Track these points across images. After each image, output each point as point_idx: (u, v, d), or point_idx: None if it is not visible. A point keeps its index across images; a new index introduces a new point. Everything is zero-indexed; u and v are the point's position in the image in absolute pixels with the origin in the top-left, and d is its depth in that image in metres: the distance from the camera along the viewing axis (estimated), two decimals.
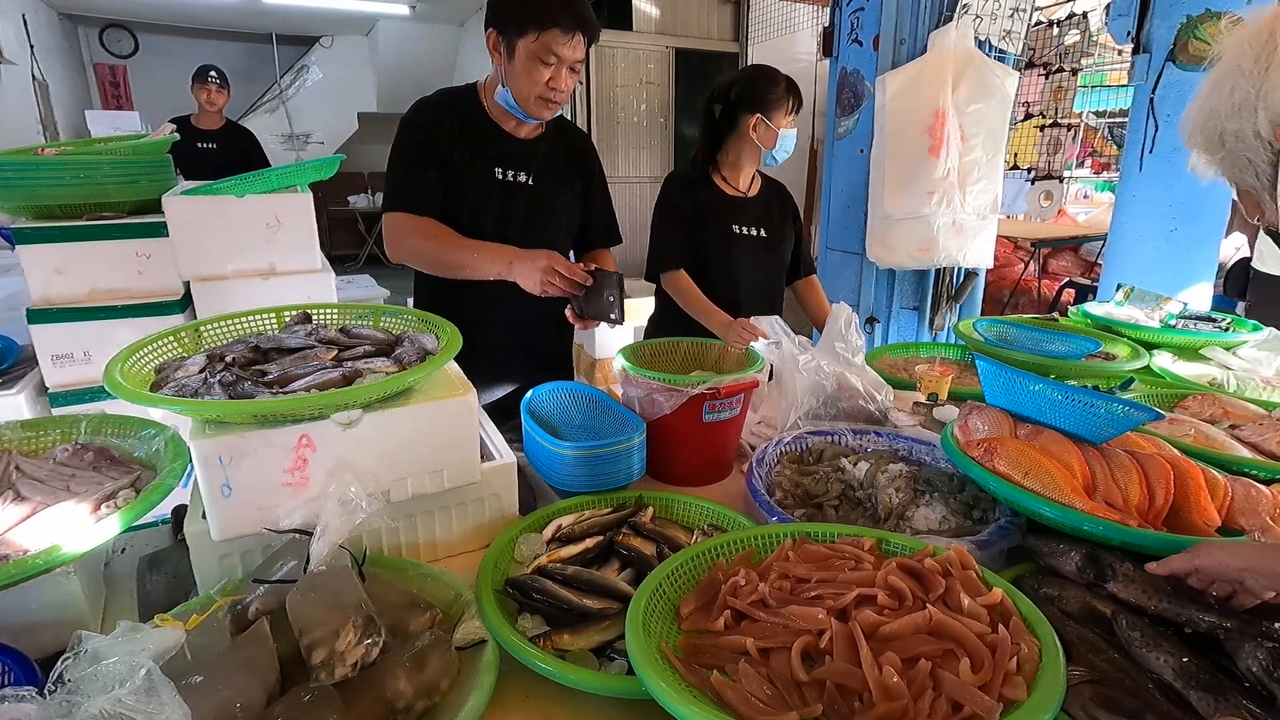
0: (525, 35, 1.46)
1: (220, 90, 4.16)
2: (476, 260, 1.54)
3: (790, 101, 1.93)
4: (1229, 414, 1.50)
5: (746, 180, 2.07)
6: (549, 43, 1.46)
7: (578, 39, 1.48)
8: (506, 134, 1.65)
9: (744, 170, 2.05)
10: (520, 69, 1.50)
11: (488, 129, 1.64)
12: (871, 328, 3.39)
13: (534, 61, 1.48)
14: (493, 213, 1.64)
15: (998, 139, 2.97)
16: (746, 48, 5.89)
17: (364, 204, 9.57)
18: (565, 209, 1.77)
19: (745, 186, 2.07)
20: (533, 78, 1.49)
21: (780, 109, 1.92)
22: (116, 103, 7.92)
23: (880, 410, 1.56)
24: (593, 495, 1.21)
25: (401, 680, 0.76)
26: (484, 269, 1.53)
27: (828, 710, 0.69)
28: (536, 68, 1.48)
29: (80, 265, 1.79)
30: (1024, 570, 1.01)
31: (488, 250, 1.55)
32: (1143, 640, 0.80)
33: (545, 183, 1.70)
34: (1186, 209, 2.99)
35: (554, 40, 1.45)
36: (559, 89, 1.52)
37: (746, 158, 2.00)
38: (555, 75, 1.50)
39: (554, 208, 1.74)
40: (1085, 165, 7.10)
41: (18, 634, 0.86)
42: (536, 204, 1.69)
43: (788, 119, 1.94)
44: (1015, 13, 2.98)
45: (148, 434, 1.10)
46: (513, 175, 1.65)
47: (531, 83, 1.50)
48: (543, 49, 1.46)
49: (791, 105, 1.94)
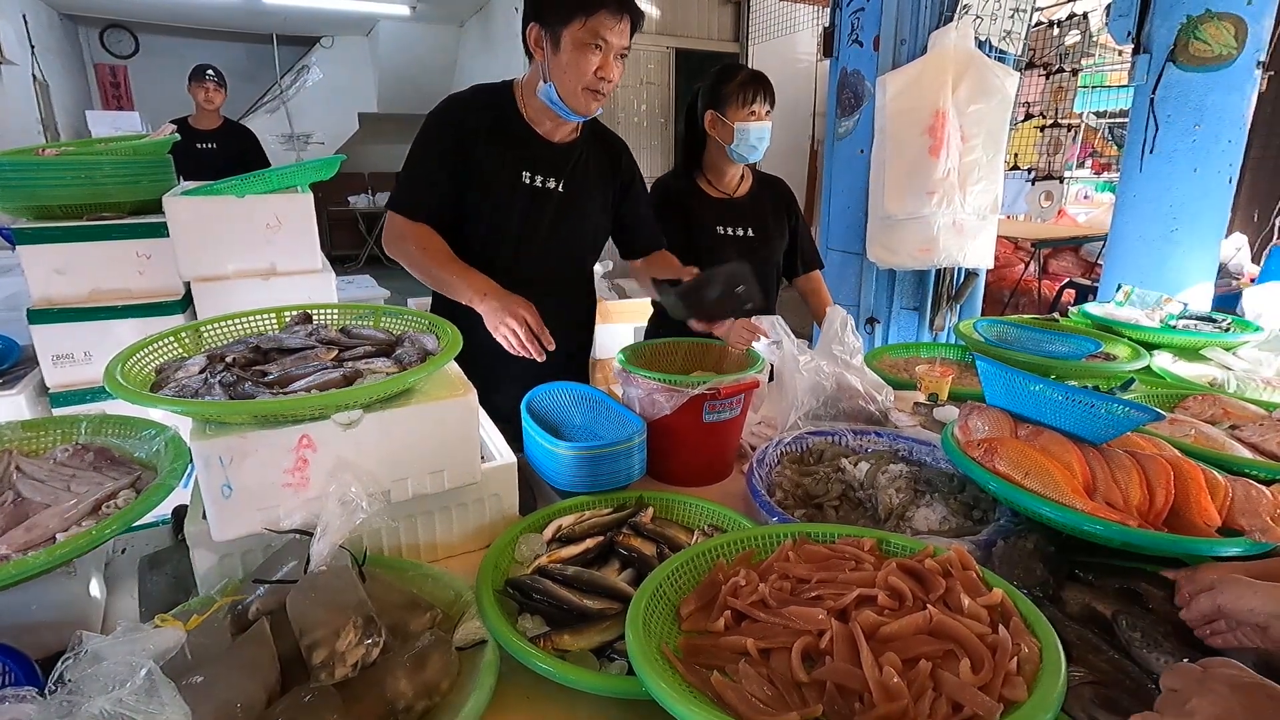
0: (572, 22, 1.43)
1: (218, 89, 4.15)
2: (454, 282, 1.51)
3: (747, 94, 1.86)
4: (1229, 414, 1.50)
5: (732, 180, 2.04)
6: (597, 27, 1.42)
7: (625, 24, 1.46)
8: (539, 137, 1.62)
9: (724, 170, 2.01)
10: (567, 59, 1.46)
11: (519, 130, 1.60)
12: (872, 328, 3.39)
13: (582, 49, 1.44)
14: (516, 217, 1.61)
15: (998, 139, 2.97)
16: (747, 48, 5.89)
17: (364, 204, 9.57)
18: (594, 219, 1.74)
19: (732, 187, 2.04)
20: (581, 67, 1.45)
21: (734, 103, 1.87)
22: (117, 103, 7.93)
23: (880, 411, 1.56)
24: (593, 495, 1.21)
25: (402, 680, 0.76)
26: (459, 293, 1.51)
27: (828, 711, 0.69)
28: (586, 55, 1.44)
29: (81, 265, 1.80)
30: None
31: (469, 276, 1.51)
32: (1143, 640, 0.80)
33: (576, 191, 1.66)
34: (1187, 209, 3.00)
35: (602, 24, 1.42)
36: (608, 78, 1.49)
37: (719, 157, 1.97)
38: (604, 62, 1.47)
39: (582, 217, 1.70)
40: (1086, 166, 7.11)
41: (18, 634, 0.86)
42: (565, 212, 1.65)
43: (745, 112, 1.87)
44: (1015, 13, 2.98)
45: (148, 434, 1.10)
46: (541, 180, 1.62)
47: (580, 73, 1.46)
48: (591, 34, 1.43)
49: (749, 98, 1.86)
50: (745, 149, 1.91)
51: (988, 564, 0.95)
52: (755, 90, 1.87)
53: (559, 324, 1.76)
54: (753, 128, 1.88)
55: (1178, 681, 0.62)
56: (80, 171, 1.82)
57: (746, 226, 2.03)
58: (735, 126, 1.88)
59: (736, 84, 1.87)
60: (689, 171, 2.05)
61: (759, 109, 1.88)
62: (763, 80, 1.90)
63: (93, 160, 1.86)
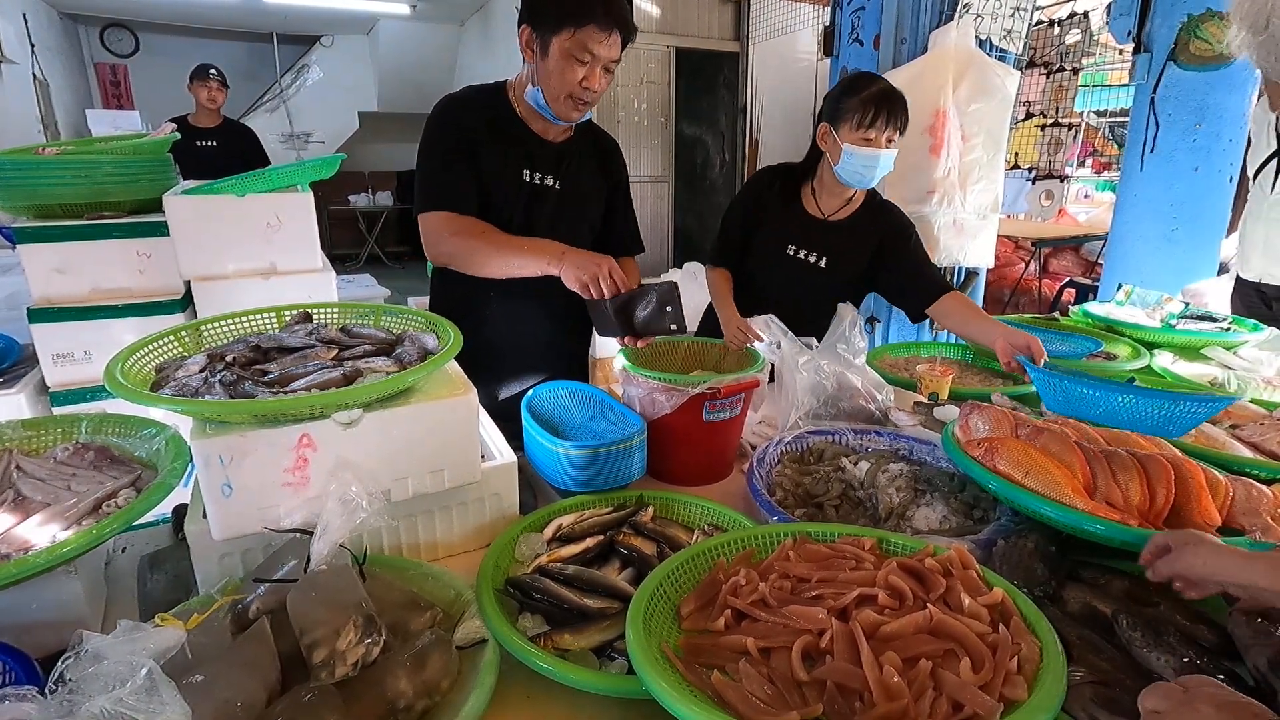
0: (561, 32, 1.44)
1: (220, 88, 4.17)
2: (526, 253, 1.48)
3: (866, 114, 1.67)
4: (1230, 414, 1.50)
5: (834, 202, 1.87)
6: (585, 39, 1.43)
7: (614, 38, 1.46)
8: (535, 135, 1.62)
9: (828, 188, 1.85)
10: (554, 67, 1.47)
11: (517, 130, 1.61)
12: (872, 327, 3.39)
13: (568, 59, 1.45)
14: (518, 215, 1.62)
15: (998, 138, 2.97)
16: (748, 47, 5.88)
17: (364, 203, 9.58)
18: (590, 214, 1.75)
19: (831, 209, 1.88)
20: (566, 76, 1.46)
21: (848, 120, 1.70)
22: (117, 102, 7.93)
23: (881, 410, 1.56)
24: (593, 495, 1.21)
25: (402, 680, 0.76)
26: (532, 264, 1.46)
27: (828, 710, 0.69)
28: (571, 65, 1.46)
29: (81, 264, 1.80)
30: None
31: (537, 244, 1.49)
32: (1143, 640, 0.80)
33: (571, 187, 1.67)
34: (1187, 209, 3.00)
35: (590, 37, 1.43)
36: (592, 88, 1.49)
37: (827, 173, 1.81)
38: (589, 74, 1.47)
39: (580, 213, 1.71)
40: (1086, 165, 7.10)
41: (19, 633, 0.86)
42: (562, 208, 1.66)
43: (859, 134, 1.69)
44: (1016, 12, 2.98)
45: (148, 433, 1.10)
46: (540, 178, 1.62)
47: (564, 81, 1.47)
48: (578, 46, 1.44)
49: (866, 119, 1.67)
50: (850, 174, 1.74)
51: (988, 563, 0.95)
52: (878, 112, 1.68)
53: (559, 322, 1.77)
54: (861, 153, 1.70)
55: (1160, 703, 0.60)
56: (80, 170, 1.83)
57: (823, 255, 1.87)
58: (844, 147, 1.71)
59: (858, 100, 1.69)
60: (802, 176, 1.90)
61: (877, 135, 1.69)
62: (892, 101, 1.69)
63: (93, 159, 1.86)
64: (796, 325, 1.61)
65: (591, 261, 1.39)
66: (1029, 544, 0.99)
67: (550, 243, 1.49)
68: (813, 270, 1.88)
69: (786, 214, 1.90)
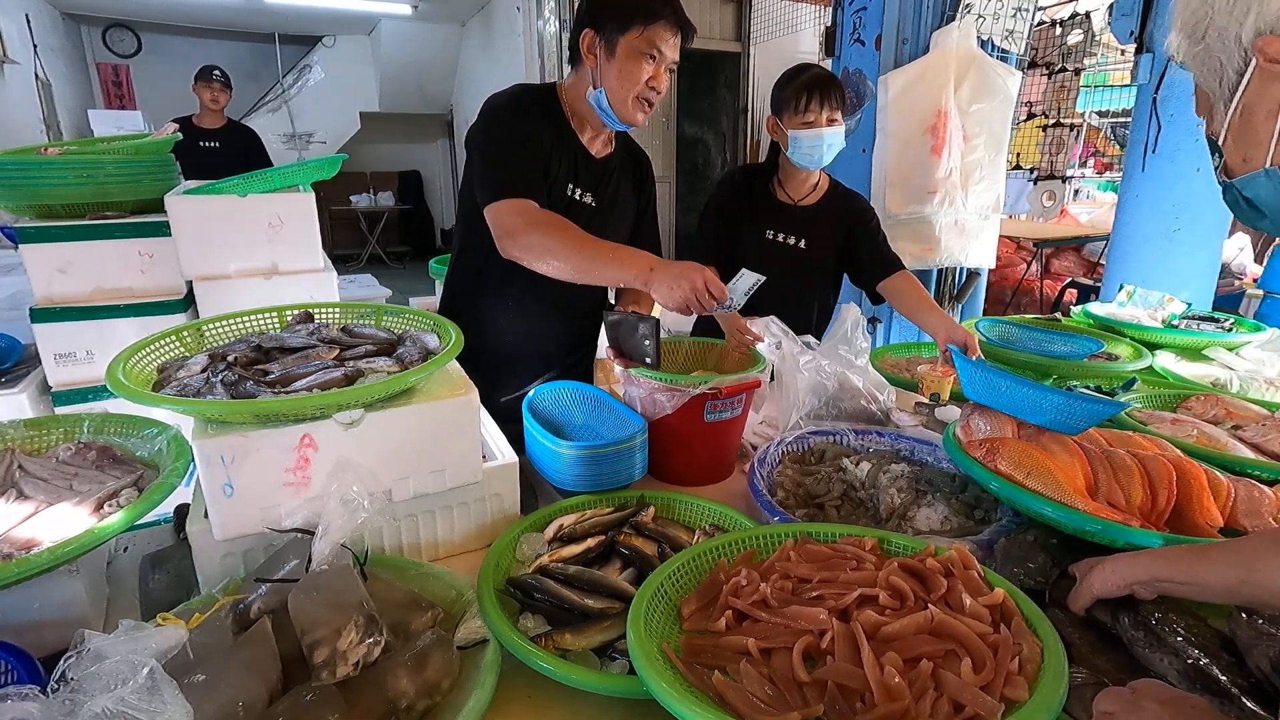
0: (630, 30, 1.43)
1: (224, 89, 4.19)
2: (613, 262, 1.37)
3: (801, 99, 1.79)
4: (1232, 415, 1.50)
5: (802, 188, 1.98)
6: (654, 37, 1.43)
7: (679, 38, 1.47)
8: (585, 150, 1.61)
9: (793, 175, 1.95)
10: (621, 67, 1.46)
11: (570, 141, 1.59)
12: (874, 328, 3.39)
13: (637, 58, 1.45)
14: None
15: (1000, 139, 2.97)
16: (749, 48, 5.89)
17: (366, 203, 9.58)
18: (618, 234, 1.73)
19: (800, 194, 1.98)
20: (634, 76, 1.45)
21: (788, 108, 1.81)
22: (119, 102, 7.94)
23: (882, 410, 1.56)
24: (594, 495, 1.21)
25: (403, 680, 0.76)
26: (618, 274, 1.37)
27: (829, 710, 0.69)
28: (640, 64, 1.45)
29: (83, 264, 1.80)
30: None
31: (625, 253, 1.39)
32: (1145, 641, 0.80)
33: (606, 206, 1.66)
34: (1189, 209, 2.98)
35: (659, 35, 1.43)
36: (658, 89, 1.49)
37: (786, 162, 1.92)
38: (657, 73, 1.47)
39: (609, 231, 1.67)
40: (1088, 165, 7.08)
41: (21, 632, 0.86)
42: (593, 226, 1.60)
43: (799, 119, 1.80)
44: (1018, 12, 2.98)
45: (150, 433, 1.10)
46: (580, 194, 1.61)
47: (632, 81, 1.46)
48: (647, 43, 1.44)
49: (802, 104, 1.79)
50: (802, 157, 1.84)
51: (989, 563, 0.94)
52: (810, 95, 1.78)
53: (572, 332, 1.77)
54: (805, 136, 1.80)
55: (1112, 705, 0.66)
56: (83, 171, 1.83)
57: (800, 237, 1.98)
58: (790, 133, 1.82)
59: (793, 89, 1.81)
60: (769, 170, 2.00)
61: (816, 117, 1.79)
62: (823, 83, 1.80)
63: (95, 159, 1.87)
64: (785, 309, 1.68)
65: (685, 277, 1.28)
66: (1029, 536, 0.99)
67: (638, 253, 1.38)
68: (793, 251, 1.99)
69: (762, 204, 2.00)
